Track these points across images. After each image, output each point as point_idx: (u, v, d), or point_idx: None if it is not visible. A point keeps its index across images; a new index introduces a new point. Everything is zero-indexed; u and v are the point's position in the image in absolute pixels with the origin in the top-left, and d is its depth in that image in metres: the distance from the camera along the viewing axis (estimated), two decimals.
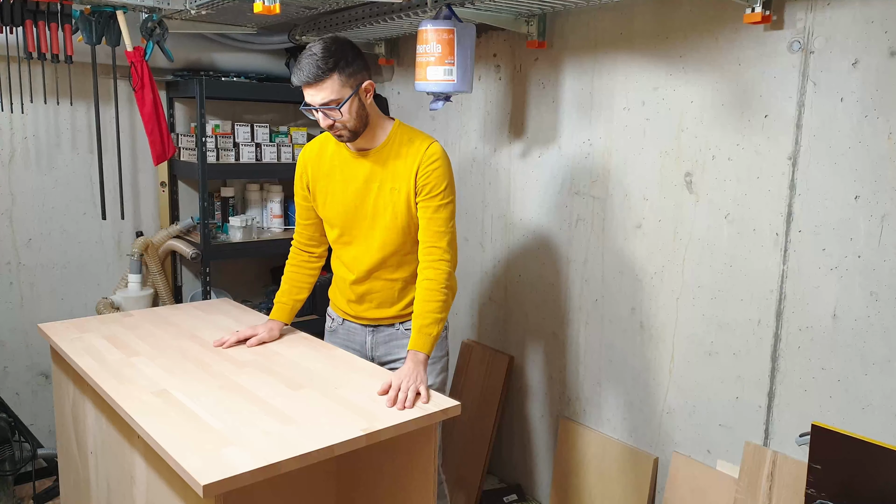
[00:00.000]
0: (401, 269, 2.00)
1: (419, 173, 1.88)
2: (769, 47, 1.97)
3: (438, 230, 1.90)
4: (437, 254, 1.90)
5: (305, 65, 1.76)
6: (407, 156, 1.90)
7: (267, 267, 3.59)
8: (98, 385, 1.72)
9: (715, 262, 2.16)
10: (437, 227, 1.90)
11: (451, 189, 1.92)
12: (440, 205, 1.89)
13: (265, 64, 3.23)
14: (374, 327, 2.07)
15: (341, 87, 1.77)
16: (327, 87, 1.76)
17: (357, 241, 2.00)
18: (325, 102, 1.78)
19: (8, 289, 2.90)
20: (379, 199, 1.93)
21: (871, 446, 1.76)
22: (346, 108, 1.79)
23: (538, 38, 2.54)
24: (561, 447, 2.67)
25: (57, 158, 2.94)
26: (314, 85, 1.77)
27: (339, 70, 1.76)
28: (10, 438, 2.64)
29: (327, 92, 1.77)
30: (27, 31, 2.38)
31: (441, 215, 1.90)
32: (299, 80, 1.79)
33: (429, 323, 1.85)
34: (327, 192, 2.00)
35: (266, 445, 1.43)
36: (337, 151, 1.98)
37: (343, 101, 1.78)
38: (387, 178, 1.91)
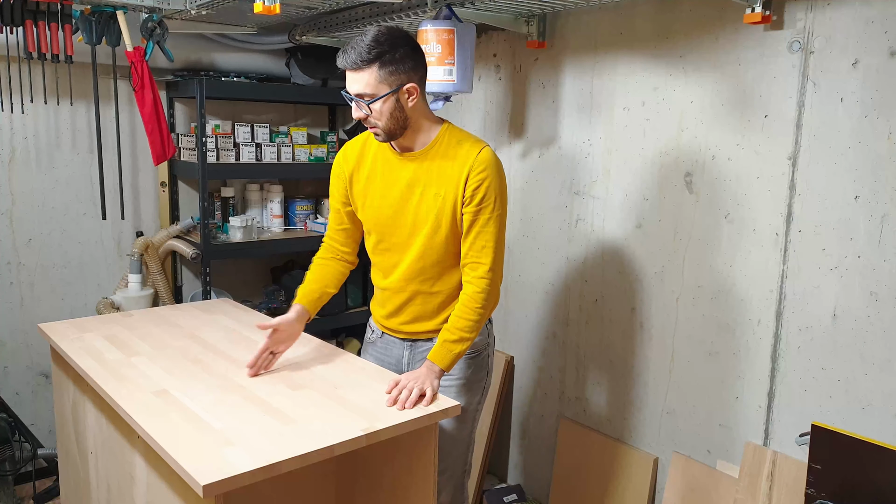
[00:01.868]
0: (441, 282, 1.85)
1: (469, 181, 1.73)
2: (769, 47, 1.97)
3: (485, 245, 1.76)
4: (480, 270, 1.76)
5: (351, 48, 1.65)
6: (455, 159, 1.75)
7: (267, 267, 3.60)
8: (98, 385, 1.72)
9: (715, 262, 2.16)
10: (484, 241, 1.76)
11: (502, 200, 1.77)
12: (489, 217, 1.74)
13: (265, 64, 3.23)
14: (411, 342, 1.94)
15: (378, 83, 1.65)
16: (363, 79, 1.65)
17: (395, 248, 1.86)
18: (359, 94, 1.67)
19: (8, 289, 2.90)
20: (421, 206, 1.79)
21: (871, 446, 1.76)
22: (378, 105, 1.67)
23: (538, 38, 2.54)
24: (561, 447, 2.67)
25: (57, 158, 2.94)
26: (353, 72, 1.66)
27: (380, 63, 1.63)
28: (10, 438, 2.64)
29: (363, 84, 1.66)
30: (27, 31, 2.38)
31: (490, 228, 1.75)
32: (341, 63, 1.67)
33: (454, 339, 1.75)
34: (366, 194, 1.86)
35: (266, 445, 1.43)
36: (380, 151, 1.84)
37: (377, 98, 1.66)
38: (431, 183, 1.77)
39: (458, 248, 1.82)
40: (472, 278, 1.77)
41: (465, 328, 1.76)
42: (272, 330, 1.84)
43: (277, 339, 1.85)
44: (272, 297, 3.33)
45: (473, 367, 1.92)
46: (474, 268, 1.78)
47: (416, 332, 1.92)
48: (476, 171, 1.73)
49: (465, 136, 1.80)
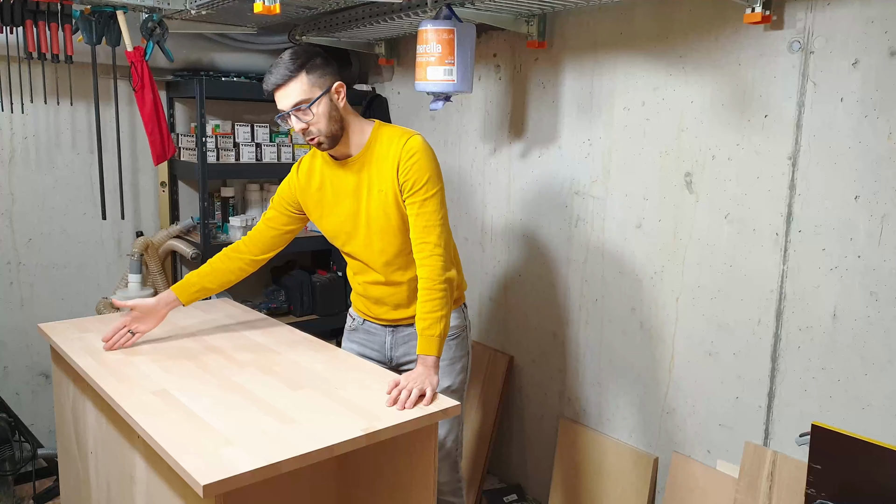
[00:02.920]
0: (410, 270, 1.94)
1: (399, 169, 1.82)
2: (769, 47, 1.97)
3: (427, 224, 1.83)
4: (427, 249, 1.83)
5: (273, 69, 1.76)
6: (387, 155, 1.85)
7: (267, 267, 3.59)
8: (98, 385, 1.72)
9: (715, 262, 2.16)
10: (426, 221, 1.83)
11: (435, 179, 1.85)
12: (425, 198, 1.83)
13: (265, 64, 3.22)
14: (393, 327, 2.04)
15: (311, 87, 1.76)
16: (296, 88, 1.75)
17: (359, 250, 1.96)
18: (296, 103, 1.76)
19: (8, 289, 2.90)
20: (371, 205, 1.89)
21: (871, 446, 1.76)
22: (316, 108, 1.76)
23: (538, 38, 2.54)
24: (561, 447, 2.68)
25: (57, 158, 2.94)
26: (283, 86, 1.75)
27: (306, 70, 1.75)
28: (10, 438, 2.64)
29: (297, 93, 1.75)
30: (27, 31, 2.38)
31: (428, 209, 1.83)
32: (269, 86, 1.77)
33: (429, 324, 1.79)
34: (322, 206, 1.97)
35: (266, 445, 1.43)
36: (325, 165, 1.94)
37: (313, 101, 1.76)
38: (374, 182, 1.87)
39: None
40: (423, 258, 1.83)
41: (433, 308, 1.80)
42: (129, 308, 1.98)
43: (135, 318, 1.98)
44: (272, 297, 3.33)
45: (452, 348, 2.01)
46: (422, 249, 1.83)
47: (397, 319, 2.01)
48: (404, 160, 1.81)
49: (395, 131, 1.88)
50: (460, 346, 2.03)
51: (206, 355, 1.94)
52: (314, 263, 3.61)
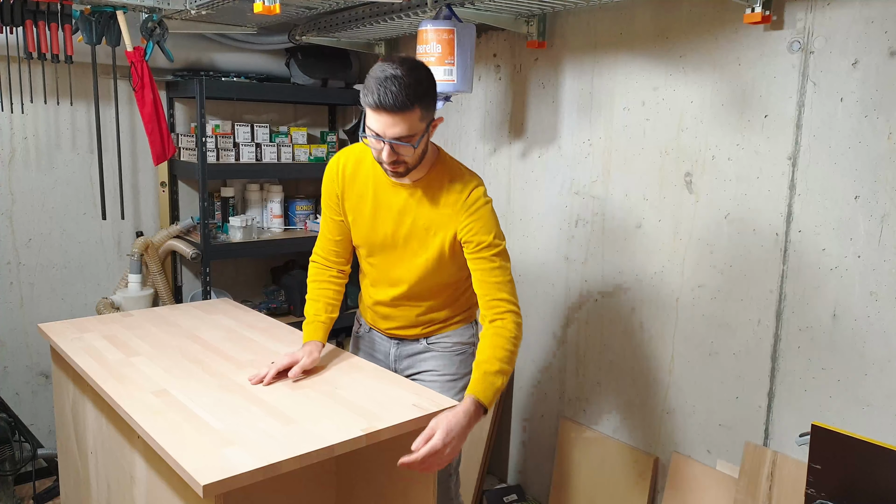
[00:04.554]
0: (426, 301, 1.88)
1: (462, 224, 1.71)
2: (769, 47, 1.97)
3: (498, 281, 1.72)
4: (503, 306, 1.71)
5: (390, 87, 1.51)
6: (447, 200, 1.73)
7: (267, 267, 3.60)
8: (98, 385, 1.72)
9: (715, 262, 2.16)
10: (496, 277, 1.72)
11: (499, 234, 1.74)
12: (493, 255, 1.71)
13: (265, 64, 3.23)
14: (399, 340, 1.98)
15: (419, 122, 1.57)
16: (408, 121, 1.55)
17: (383, 268, 1.87)
18: (402, 136, 1.57)
19: (8, 289, 2.90)
20: (412, 236, 1.78)
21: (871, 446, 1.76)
22: (419, 145, 1.60)
23: (538, 38, 2.54)
24: (561, 447, 2.67)
25: (57, 158, 2.94)
26: (395, 114, 1.54)
27: (422, 102, 1.56)
28: (10, 438, 2.64)
29: (407, 126, 1.56)
30: (27, 31, 2.38)
31: (497, 264, 1.72)
32: (378, 103, 1.53)
33: (495, 370, 1.64)
34: (357, 212, 1.85)
35: (266, 445, 1.43)
36: (373, 172, 1.81)
37: (420, 137, 1.59)
38: (421, 216, 1.76)
39: (447, 274, 1.82)
40: (498, 314, 1.72)
41: (503, 359, 1.66)
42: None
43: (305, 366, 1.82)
44: (272, 297, 3.33)
45: (457, 363, 1.94)
46: (496, 305, 1.72)
47: (403, 335, 1.96)
48: (467, 215, 1.71)
49: (458, 171, 1.77)
50: (465, 364, 1.95)
51: (206, 355, 1.94)
52: None
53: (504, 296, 1.72)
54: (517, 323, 1.72)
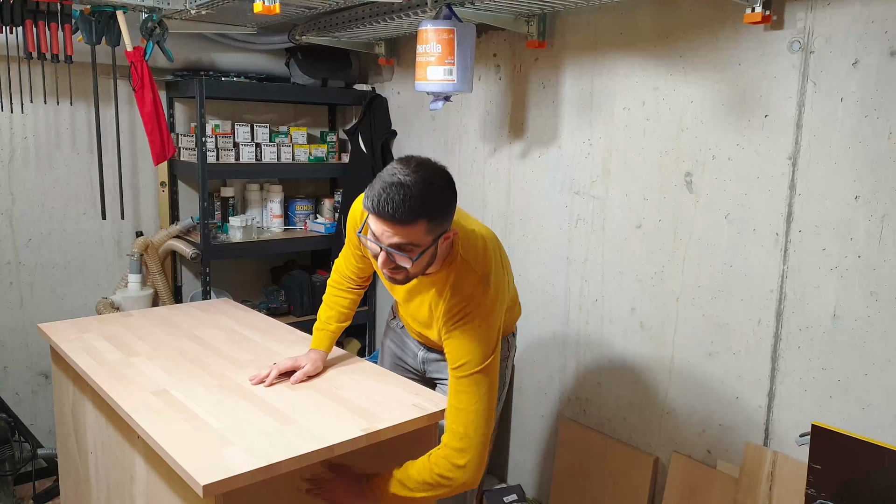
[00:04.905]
0: None
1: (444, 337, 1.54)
2: (769, 47, 1.97)
3: (459, 408, 1.50)
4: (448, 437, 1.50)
5: (393, 196, 1.35)
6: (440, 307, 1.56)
7: (267, 267, 3.60)
8: (98, 385, 1.72)
9: (715, 262, 2.16)
10: (459, 403, 1.50)
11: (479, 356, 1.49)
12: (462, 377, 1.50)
13: (265, 64, 3.23)
14: (428, 347, 1.96)
15: (424, 236, 1.40)
16: (410, 234, 1.39)
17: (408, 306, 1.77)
18: (401, 246, 1.41)
19: (8, 289, 2.90)
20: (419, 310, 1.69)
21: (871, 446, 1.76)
22: (423, 256, 1.43)
23: (538, 38, 2.54)
24: (561, 447, 2.67)
25: (57, 158, 2.94)
26: (394, 224, 1.38)
27: (431, 216, 1.39)
28: (10, 438, 2.64)
29: (407, 238, 1.39)
30: (27, 31, 2.38)
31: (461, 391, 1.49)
32: (375, 209, 1.37)
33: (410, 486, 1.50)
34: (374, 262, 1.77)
35: (266, 445, 1.43)
36: None
37: (422, 251, 1.42)
38: (424, 305, 1.65)
39: None
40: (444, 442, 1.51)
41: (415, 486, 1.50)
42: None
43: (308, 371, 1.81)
44: (272, 297, 3.33)
45: None
46: (446, 431, 1.51)
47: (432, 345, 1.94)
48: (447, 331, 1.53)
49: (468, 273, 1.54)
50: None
51: (206, 355, 1.94)
52: (314, 263, 3.61)
53: (457, 427, 1.50)
54: (456, 465, 1.49)
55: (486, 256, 1.59)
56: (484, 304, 1.52)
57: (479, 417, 1.50)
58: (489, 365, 1.51)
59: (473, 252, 1.58)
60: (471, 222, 1.70)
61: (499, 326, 1.56)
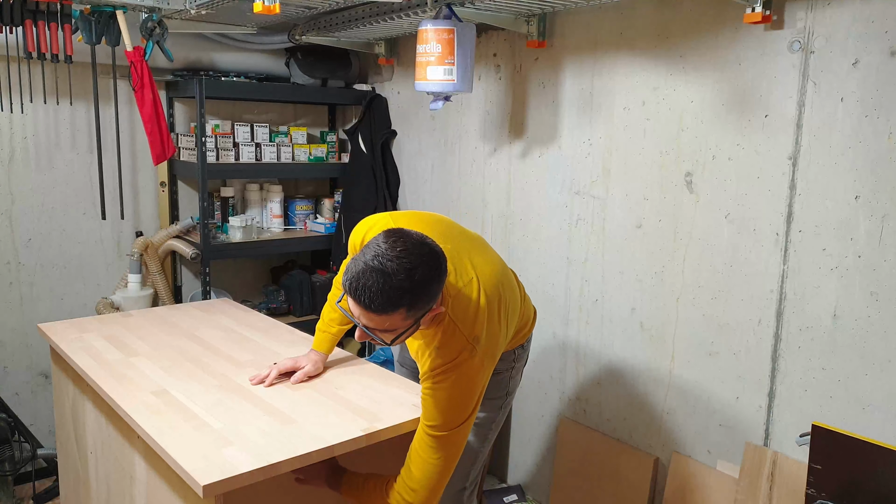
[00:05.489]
0: None
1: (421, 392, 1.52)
2: (769, 47, 1.97)
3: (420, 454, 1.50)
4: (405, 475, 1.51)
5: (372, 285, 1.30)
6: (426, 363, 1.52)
7: (267, 267, 3.60)
8: (98, 385, 1.72)
9: (715, 262, 2.16)
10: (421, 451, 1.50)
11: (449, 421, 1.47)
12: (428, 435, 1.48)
13: (265, 64, 3.23)
14: None
15: (402, 321, 1.37)
16: (386, 321, 1.36)
17: None
18: (377, 330, 1.40)
19: (8, 289, 2.90)
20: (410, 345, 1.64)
21: (871, 446, 1.76)
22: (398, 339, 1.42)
23: (538, 38, 2.54)
24: (561, 447, 2.67)
25: (57, 158, 2.94)
26: (370, 314, 1.35)
27: (410, 305, 1.35)
28: (10, 438, 2.64)
29: (384, 325, 1.37)
30: (27, 30, 2.38)
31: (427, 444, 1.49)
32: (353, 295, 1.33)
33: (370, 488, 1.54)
34: None
35: (266, 445, 1.43)
36: None
37: (398, 335, 1.40)
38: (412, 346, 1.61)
39: None
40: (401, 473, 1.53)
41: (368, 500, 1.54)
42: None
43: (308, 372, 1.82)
44: (272, 297, 3.33)
45: (494, 384, 1.77)
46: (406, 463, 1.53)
47: None
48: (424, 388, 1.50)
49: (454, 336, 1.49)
50: (500, 386, 1.83)
51: (206, 355, 1.94)
52: (314, 263, 3.61)
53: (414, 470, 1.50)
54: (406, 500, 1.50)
55: (476, 319, 1.52)
56: (468, 369, 1.48)
57: (434, 472, 1.49)
58: (460, 429, 1.48)
59: (463, 314, 1.51)
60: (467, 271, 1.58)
61: (482, 386, 1.52)
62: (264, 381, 1.75)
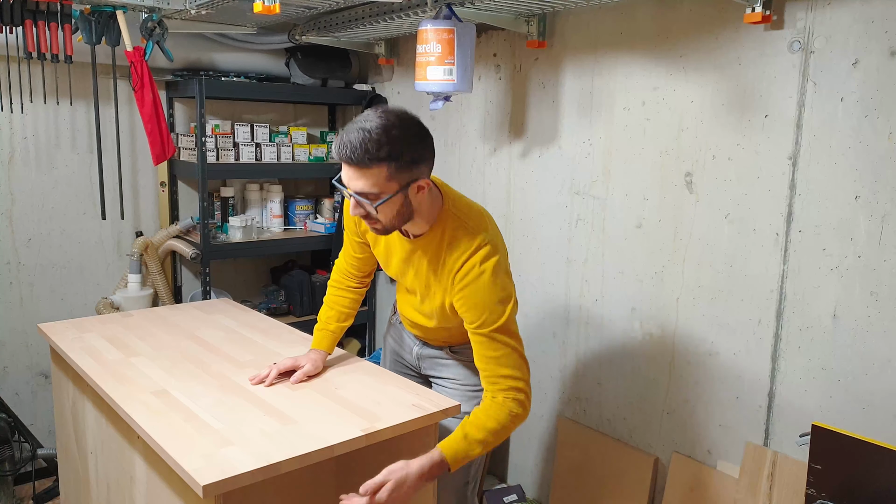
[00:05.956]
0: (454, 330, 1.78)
1: (453, 295, 1.58)
2: (769, 47, 1.97)
3: (496, 356, 1.56)
4: (504, 382, 1.57)
5: (353, 139, 1.41)
6: (444, 264, 1.58)
7: (267, 267, 3.60)
8: (98, 385, 1.72)
9: (715, 262, 2.16)
10: (494, 352, 1.56)
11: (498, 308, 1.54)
12: (490, 331, 1.55)
13: (265, 64, 3.23)
14: (423, 342, 1.95)
15: (387, 182, 1.44)
16: (371, 178, 1.44)
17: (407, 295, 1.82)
18: (363, 193, 1.46)
19: (8, 289, 2.90)
20: (416, 282, 1.71)
21: (871, 446, 1.76)
22: (384, 207, 1.47)
23: (538, 38, 2.54)
24: (561, 447, 2.67)
25: (57, 158, 2.94)
26: (355, 167, 1.44)
27: (389, 161, 1.42)
28: (10, 438, 2.64)
29: (369, 183, 1.44)
30: (27, 31, 2.38)
31: (494, 340, 1.55)
32: (337, 153, 1.44)
33: (478, 439, 1.53)
34: (375, 244, 1.81)
35: (266, 445, 1.43)
36: None
37: (383, 199, 1.46)
38: (422, 273, 1.67)
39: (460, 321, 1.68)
40: (500, 393, 1.58)
41: (492, 431, 1.55)
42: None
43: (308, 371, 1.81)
44: (272, 297, 3.33)
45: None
46: (495, 382, 1.58)
47: (428, 339, 1.93)
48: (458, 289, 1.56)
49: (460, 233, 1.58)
50: None
51: (206, 355, 1.94)
52: (314, 263, 3.61)
53: (506, 371, 1.58)
54: (519, 400, 1.59)
55: (480, 215, 1.64)
56: (486, 257, 1.56)
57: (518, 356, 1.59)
58: (508, 319, 1.56)
59: (466, 210, 1.63)
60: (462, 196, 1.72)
61: (507, 275, 1.60)
62: (264, 381, 1.75)
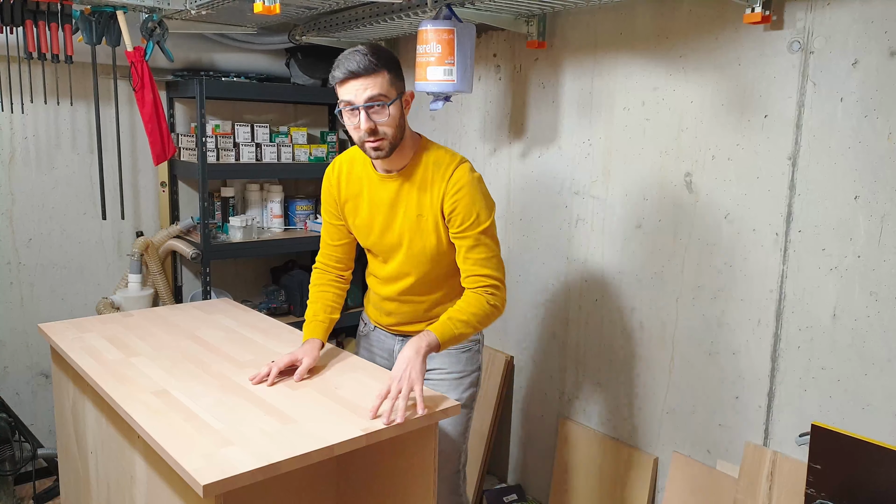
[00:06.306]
0: (432, 294, 1.90)
1: (445, 203, 1.75)
2: (769, 47, 1.97)
3: (480, 258, 1.76)
4: (483, 280, 1.76)
5: (353, 58, 1.62)
6: (433, 182, 1.77)
7: (267, 267, 3.60)
8: (98, 385, 1.72)
9: (715, 262, 2.16)
10: (478, 254, 1.76)
11: (485, 211, 1.76)
12: (478, 233, 1.75)
13: (265, 64, 3.23)
14: (403, 336, 1.97)
15: (390, 87, 1.65)
16: (378, 82, 1.63)
17: (387, 262, 1.90)
18: (374, 97, 1.63)
19: (8, 289, 2.90)
20: (405, 225, 1.81)
21: (871, 446, 1.76)
22: (393, 112, 1.66)
23: (538, 38, 2.54)
24: (561, 447, 2.68)
25: (57, 158, 2.94)
26: (363, 77, 1.62)
27: (388, 68, 1.65)
28: (10, 438, 2.64)
29: (378, 87, 1.63)
30: (27, 31, 2.38)
31: (482, 242, 1.76)
32: (344, 72, 1.62)
33: (461, 319, 1.71)
34: (355, 213, 1.89)
35: (266, 445, 1.43)
36: (364, 171, 1.85)
37: (392, 100, 1.66)
38: (412, 204, 1.79)
39: (448, 262, 1.83)
40: (478, 289, 1.76)
41: (474, 314, 1.72)
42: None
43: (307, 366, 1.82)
44: (272, 297, 3.33)
45: (464, 361, 1.94)
46: (476, 281, 1.76)
47: (408, 331, 1.95)
48: (451, 194, 1.75)
49: (441, 155, 1.80)
50: (471, 361, 1.96)
51: (206, 355, 1.94)
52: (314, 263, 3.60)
53: (486, 272, 1.76)
54: (497, 296, 1.76)
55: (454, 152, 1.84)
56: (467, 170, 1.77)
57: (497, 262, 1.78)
58: (492, 224, 1.78)
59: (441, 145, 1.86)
60: None
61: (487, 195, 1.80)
62: (264, 380, 1.75)
